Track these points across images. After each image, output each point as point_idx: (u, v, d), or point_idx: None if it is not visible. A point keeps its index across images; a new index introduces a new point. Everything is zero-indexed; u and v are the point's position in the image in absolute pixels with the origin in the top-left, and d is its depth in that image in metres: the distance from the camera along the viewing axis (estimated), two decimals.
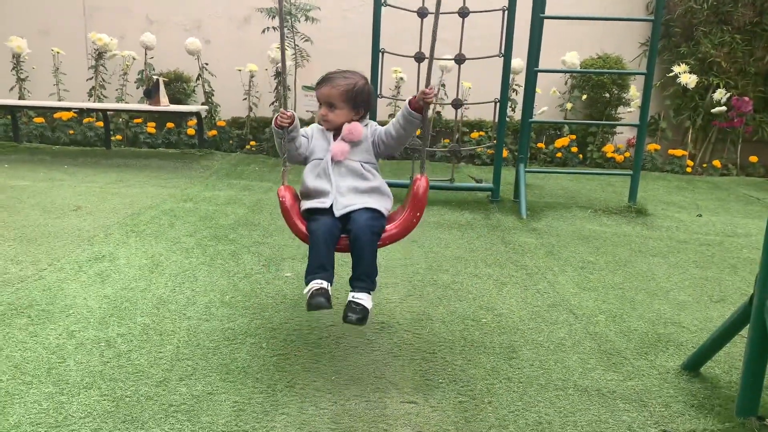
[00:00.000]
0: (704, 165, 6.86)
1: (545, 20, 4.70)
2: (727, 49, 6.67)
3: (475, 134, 6.90)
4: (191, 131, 6.77)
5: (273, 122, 2.22)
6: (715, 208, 5.08)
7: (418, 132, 2.32)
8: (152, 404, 1.87)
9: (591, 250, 3.69)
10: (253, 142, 6.85)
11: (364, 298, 2.06)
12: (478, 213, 4.49)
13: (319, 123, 2.37)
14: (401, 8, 4.44)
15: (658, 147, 6.90)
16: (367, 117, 2.40)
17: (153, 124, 6.87)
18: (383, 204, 2.25)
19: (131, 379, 2.00)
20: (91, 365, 2.08)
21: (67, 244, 3.33)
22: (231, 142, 6.88)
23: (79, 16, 7.28)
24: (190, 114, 6.62)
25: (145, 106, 6.10)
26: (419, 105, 2.20)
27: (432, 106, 2.27)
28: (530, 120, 4.87)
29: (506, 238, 3.87)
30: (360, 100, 2.32)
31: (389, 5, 4.48)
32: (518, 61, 6.11)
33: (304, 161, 2.34)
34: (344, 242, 2.17)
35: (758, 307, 1.85)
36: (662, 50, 6.99)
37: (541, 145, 6.90)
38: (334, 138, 2.32)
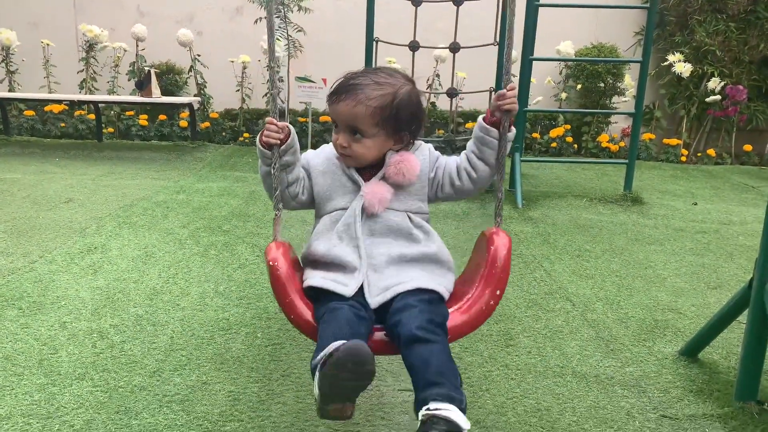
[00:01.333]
0: (699, 154, 6.85)
1: (540, 10, 4.67)
2: (722, 38, 6.66)
3: (470, 124, 6.86)
4: (184, 123, 6.72)
5: (258, 139, 1.48)
6: (711, 196, 5.07)
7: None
8: (146, 394, 1.84)
9: (587, 238, 3.68)
10: (246, 134, 6.79)
11: (449, 409, 1.25)
12: (474, 203, 4.46)
13: (336, 152, 1.58)
14: None
15: (653, 136, 6.89)
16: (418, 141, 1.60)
17: (145, 116, 6.81)
18: (442, 280, 1.50)
19: (124, 370, 1.98)
20: (84, 356, 2.05)
21: (59, 236, 3.29)
22: (224, 133, 6.83)
23: (68, 8, 7.20)
24: (183, 106, 6.56)
25: (137, 98, 6.04)
26: (496, 118, 1.50)
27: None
28: (525, 109, 4.85)
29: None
30: (404, 117, 1.49)
31: None
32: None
33: (307, 206, 1.59)
34: (379, 336, 1.45)
35: (758, 290, 1.83)
36: (657, 39, 6.96)
37: (536, 135, 6.88)
38: (363, 175, 1.56)
